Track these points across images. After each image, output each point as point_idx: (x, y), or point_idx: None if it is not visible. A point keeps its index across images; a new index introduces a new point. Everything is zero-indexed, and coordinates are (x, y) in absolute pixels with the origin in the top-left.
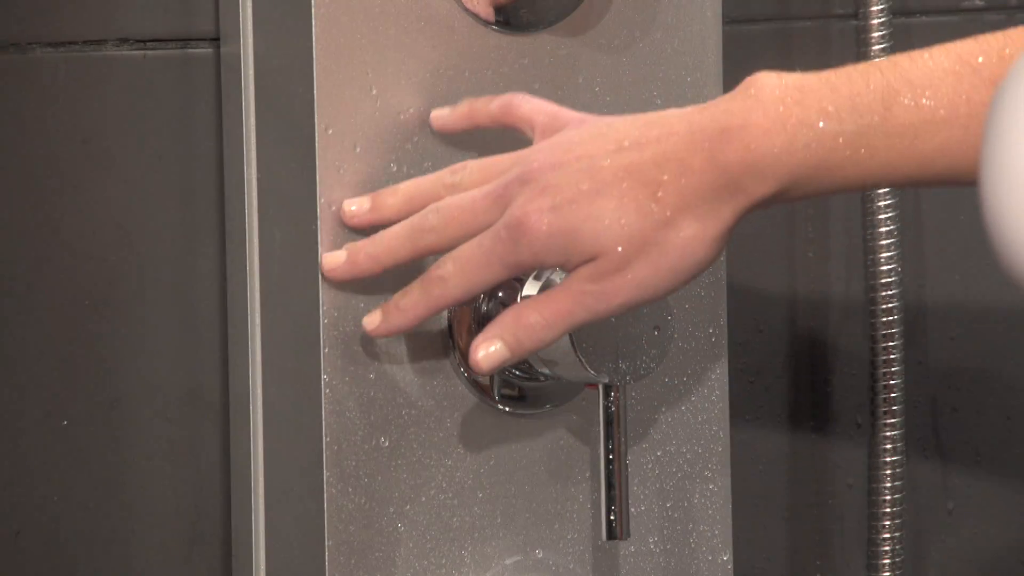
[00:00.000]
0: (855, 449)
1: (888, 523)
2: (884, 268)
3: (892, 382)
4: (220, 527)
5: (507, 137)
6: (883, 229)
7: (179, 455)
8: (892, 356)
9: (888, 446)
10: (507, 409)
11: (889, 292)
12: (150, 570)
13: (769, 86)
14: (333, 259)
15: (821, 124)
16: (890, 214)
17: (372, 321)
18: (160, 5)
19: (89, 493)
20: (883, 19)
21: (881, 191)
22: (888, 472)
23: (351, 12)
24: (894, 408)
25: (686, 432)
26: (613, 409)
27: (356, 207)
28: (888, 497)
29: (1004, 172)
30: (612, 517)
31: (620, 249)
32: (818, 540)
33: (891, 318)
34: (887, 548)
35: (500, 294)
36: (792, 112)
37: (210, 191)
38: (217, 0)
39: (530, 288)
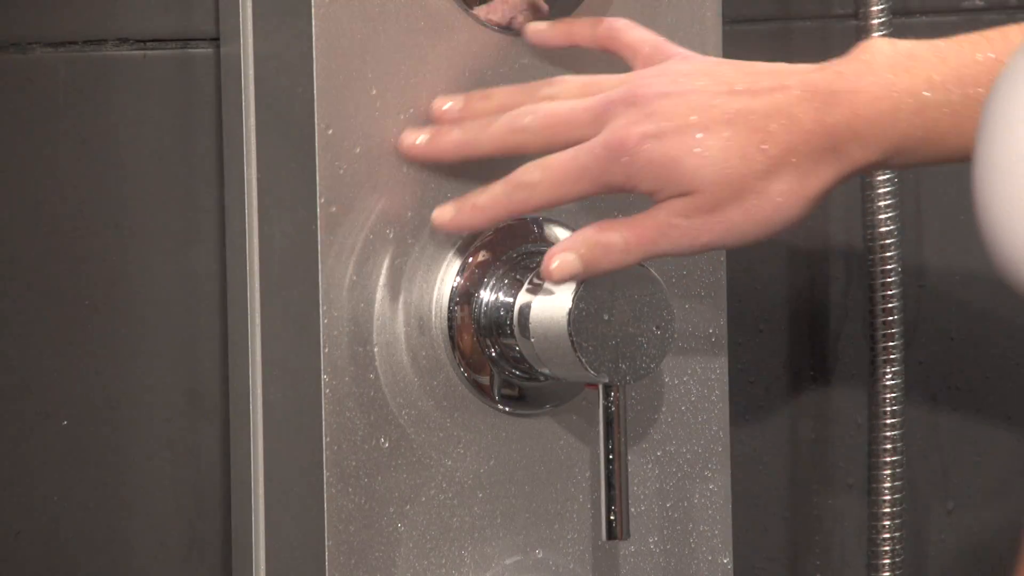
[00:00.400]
0: (855, 448)
1: (888, 523)
2: (884, 268)
3: (892, 381)
4: (220, 527)
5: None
6: (883, 229)
7: (179, 455)
8: (892, 356)
9: (888, 446)
10: (507, 409)
11: (889, 292)
12: (150, 570)
13: (882, 53)
14: (415, 133)
15: (927, 93)
16: (890, 213)
17: (443, 214)
18: (160, 5)
19: (89, 493)
20: (883, 19)
21: (881, 191)
22: (888, 472)
23: (351, 12)
24: (894, 408)
25: (686, 432)
26: (613, 409)
27: (448, 105)
28: (888, 497)
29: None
30: (612, 517)
31: (717, 189)
32: (818, 540)
33: (891, 318)
34: (887, 548)
35: (500, 296)
36: (901, 80)
37: (210, 191)
38: (217, 0)
39: (528, 290)
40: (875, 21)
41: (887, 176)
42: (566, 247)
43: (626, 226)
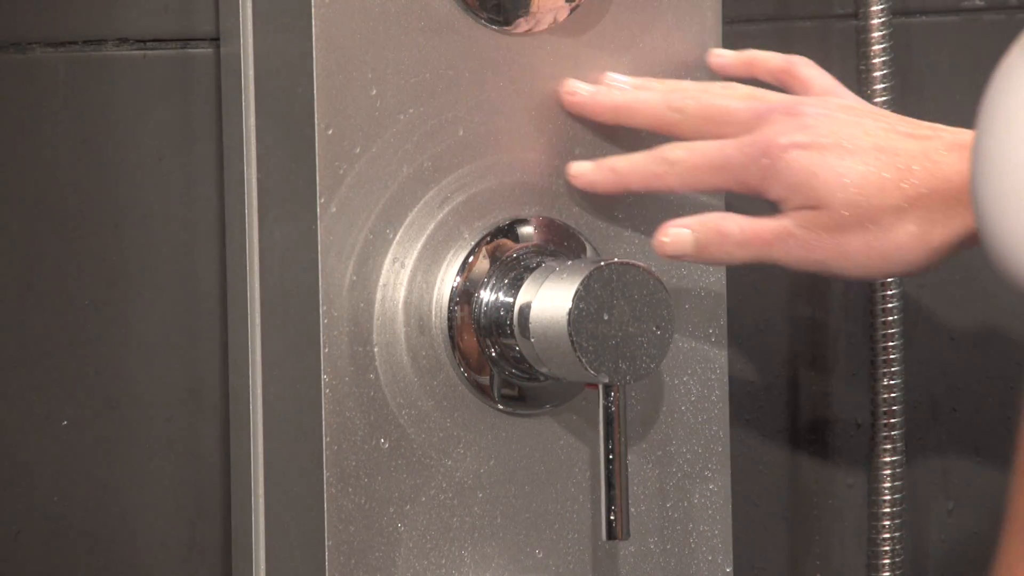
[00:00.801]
0: (855, 449)
1: (888, 523)
2: None
3: (892, 382)
4: (220, 527)
5: (515, 140)
6: None
7: (179, 455)
8: (892, 356)
9: (888, 446)
10: (507, 409)
11: (889, 292)
12: (150, 570)
13: None
14: (575, 86)
15: None
16: None
17: (580, 169)
18: (160, 5)
19: (89, 493)
20: (883, 19)
21: None
22: (888, 472)
23: (351, 12)
24: (894, 408)
25: (686, 432)
26: (613, 409)
27: (619, 76)
28: (888, 497)
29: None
30: (612, 517)
31: (845, 210)
32: (818, 540)
33: (891, 318)
34: (887, 548)
35: (500, 296)
36: None
37: (210, 191)
38: (217, 0)
39: (527, 290)
40: (875, 21)
41: None
42: (683, 223)
43: (748, 223)
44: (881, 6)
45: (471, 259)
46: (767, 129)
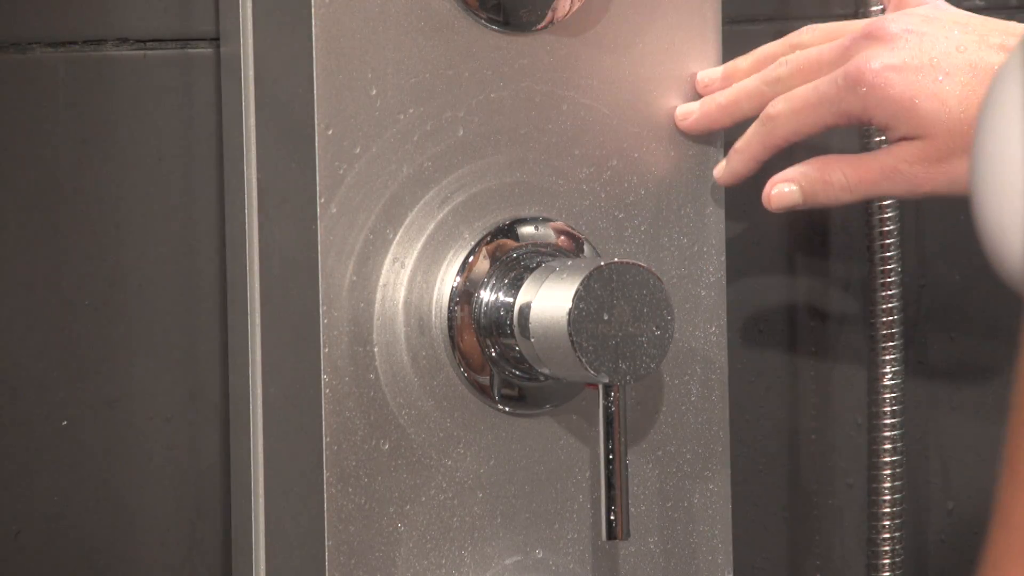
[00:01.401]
0: (855, 449)
1: (888, 523)
2: (884, 268)
3: (892, 382)
4: (220, 527)
5: (515, 140)
6: (883, 229)
7: (179, 455)
8: (892, 356)
9: (888, 446)
10: (507, 409)
11: (889, 292)
12: (150, 570)
13: None
14: (686, 109)
15: None
16: (890, 214)
17: (719, 169)
18: (160, 5)
19: (89, 493)
20: None
21: None
22: (888, 472)
23: (351, 12)
24: (894, 408)
25: (686, 432)
26: (613, 409)
27: (709, 77)
28: (888, 497)
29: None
30: (612, 517)
31: (949, 138)
32: (818, 540)
33: (891, 318)
34: (887, 548)
35: (500, 296)
36: None
37: (210, 191)
38: (217, 0)
39: (527, 290)
40: None
41: None
42: (789, 177)
43: (852, 165)
44: (881, 6)
45: (471, 259)
46: (857, 58)
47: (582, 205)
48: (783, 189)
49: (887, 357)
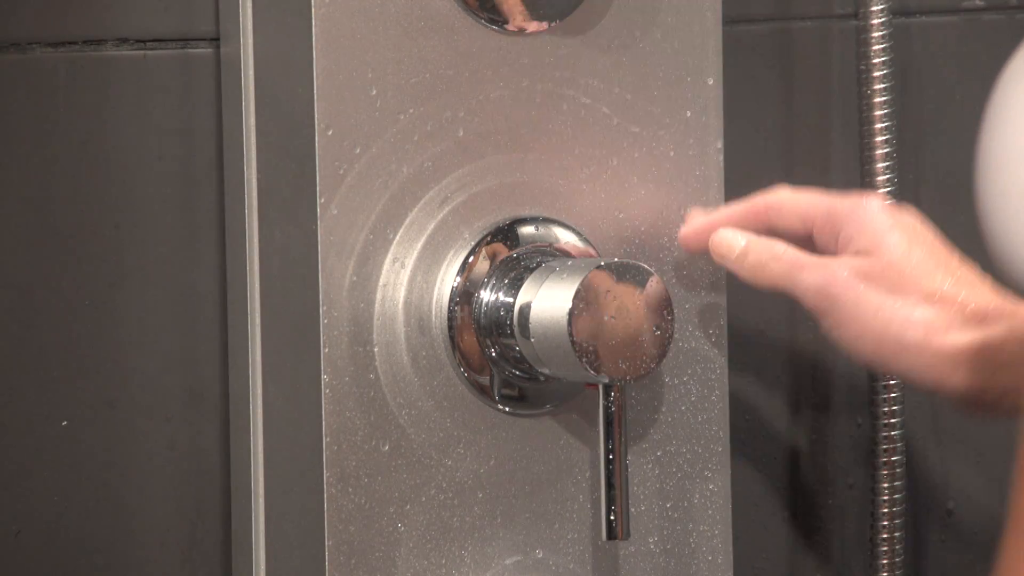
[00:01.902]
0: (855, 449)
1: (888, 523)
2: None
3: (892, 382)
4: (220, 527)
5: (515, 140)
6: None
7: (179, 455)
8: None
9: (888, 446)
10: (507, 409)
11: None
12: (150, 570)
13: None
14: (734, 241)
15: None
16: None
17: (686, 227)
18: (160, 5)
19: (89, 493)
20: (883, 19)
21: (882, 191)
22: (888, 472)
23: (351, 12)
24: (894, 408)
25: (686, 432)
26: (613, 409)
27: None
28: (888, 497)
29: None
30: (612, 517)
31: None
32: (818, 540)
33: None
34: (887, 548)
35: (500, 296)
36: None
37: (210, 191)
38: (217, 0)
39: (527, 290)
40: (875, 21)
41: (887, 176)
42: (740, 234)
43: (799, 265)
44: (881, 6)
45: (471, 259)
46: (839, 263)
47: (582, 205)
48: (731, 240)
49: None
